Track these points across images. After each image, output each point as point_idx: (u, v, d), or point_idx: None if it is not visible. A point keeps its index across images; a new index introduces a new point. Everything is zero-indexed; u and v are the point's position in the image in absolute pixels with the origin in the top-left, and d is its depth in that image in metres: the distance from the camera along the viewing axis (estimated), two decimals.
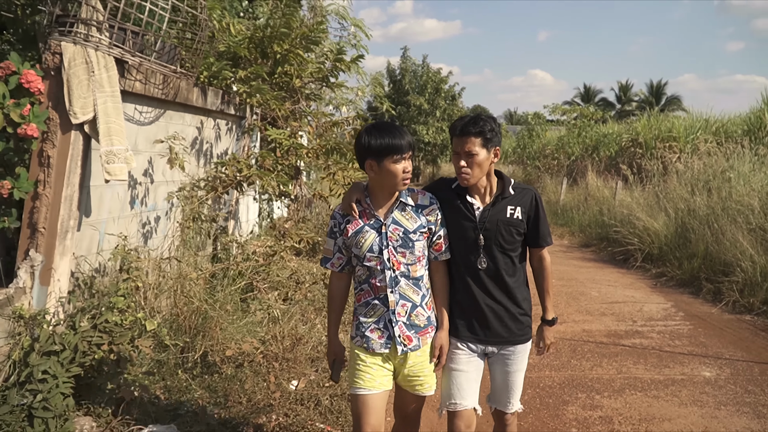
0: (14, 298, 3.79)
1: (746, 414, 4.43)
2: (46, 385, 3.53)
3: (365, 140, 2.70)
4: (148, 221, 5.16)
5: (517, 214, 2.90)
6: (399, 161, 2.68)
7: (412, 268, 2.79)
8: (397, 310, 2.77)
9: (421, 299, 2.83)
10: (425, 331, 2.84)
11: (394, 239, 2.75)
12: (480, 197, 2.93)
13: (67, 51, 3.74)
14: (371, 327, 2.81)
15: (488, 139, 2.79)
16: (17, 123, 3.61)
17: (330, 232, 2.90)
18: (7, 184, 3.71)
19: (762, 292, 7.25)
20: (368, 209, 2.80)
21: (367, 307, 2.83)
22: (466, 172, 2.80)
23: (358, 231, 2.78)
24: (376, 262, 2.75)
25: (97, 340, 3.77)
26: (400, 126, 2.77)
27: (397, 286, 2.77)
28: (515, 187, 2.96)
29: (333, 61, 6.79)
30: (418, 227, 2.79)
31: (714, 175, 10.93)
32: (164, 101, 5.01)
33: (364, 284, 2.84)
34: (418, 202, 2.85)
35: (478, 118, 2.82)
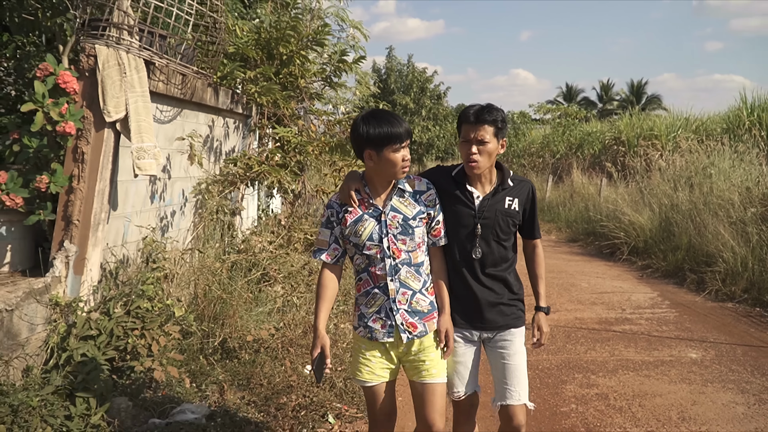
0: (51, 286, 4.03)
1: (731, 390, 4.77)
2: (85, 367, 3.77)
3: (363, 130, 2.63)
4: (165, 215, 5.40)
5: (515, 206, 2.91)
6: (399, 150, 2.64)
7: (413, 254, 2.75)
8: (398, 299, 2.73)
9: (422, 285, 2.79)
10: (431, 316, 2.81)
11: (394, 227, 2.71)
12: (480, 186, 2.92)
13: (101, 53, 3.99)
14: (373, 317, 2.77)
15: (499, 129, 2.79)
16: (56, 121, 3.85)
17: (326, 222, 2.83)
18: (45, 178, 3.95)
19: (743, 281, 7.63)
20: (366, 198, 2.75)
21: (367, 296, 2.79)
22: (475, 159, 2.78)
23: (357, 220, 2.73)
24: (376, 251, 2.71)
25: (131, 324, 4.03)
26: (395, 113, 2.69)
27: (397, 275, 2.73)
28: (513, 178, 2.97)
29: (336, 62, 7.08)
30: (417, 213, 2.76)
31: (695, 172, 11.32)
32: (182, 100, 5.26)
33: (363, 273, 2.80)
34: (416, 188, 2.81)
35: (491, 106, 2.80)
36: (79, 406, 3.58)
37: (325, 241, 2.82)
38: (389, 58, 35.71)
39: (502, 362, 2.95)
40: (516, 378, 2.93)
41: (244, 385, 4.42)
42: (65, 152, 4.11)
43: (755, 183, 9.72)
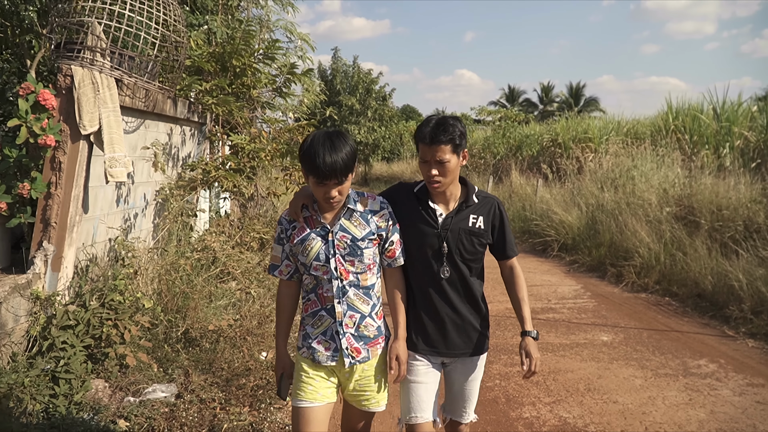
0: (31, 282, 4.47)
1: (632, 366, 5.53)
2: (66, 353, 4.24)
3: (302, 147, 2.52)
4: (129, 217, 5.86)
5: (480, 224, 2.80)
6: (321, 185, 2.48)
7: (362, 276, 2.65)
8: (345, 322, 2.64)
9: (371, 309, 2.69)
10: (375, 342, 2.72)
11: (342, 247, 2.60)
12: (443, 203, 2.82)
13: (77, 73, 4.45)
14: (318, 338, 2.67)
15: (458, 145, 2.67)
16: (37, 134, 4.31)
17: (277, 238, 2.75)
18: (27, 185, 4.40)
19: (655, 273, 8.51)
20: (315, 215, 2.63)
21: (314, 317, 2.69)
22: (437, 180, 2.69)
23: (304, 238, 2.63)
24: (323, 271, 2.61)
25: (105, 315, 4.51)
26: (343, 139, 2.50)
27: (345, 297, 2.63)
28: (479, 194, 2.86)
29: (287, 74, 7.62)
30: (367, 234, 2.64)
31: (620, 174, 12.26)
32: (144, 112, 5.73)
33: (311, 293, 2.70)
34: (368, 207, 2.69)
35: (445, 123, 2.67)
36: (62, 387, 4.06)
37: (278, 257, 2.75)
38: (335, 59, 36.17)
39: (462, 386, 2.97)
40: (471, 401, 3.01)
41: (207, 369, 4.94)
42: (44, 161, 4.55)
43: (671, 185, 10.68)
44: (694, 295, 7.75)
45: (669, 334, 6.48)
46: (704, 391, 4.94)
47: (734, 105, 14.97)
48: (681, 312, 7.40)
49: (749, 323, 6.58)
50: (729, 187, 9.34)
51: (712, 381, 5.17)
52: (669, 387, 5.04)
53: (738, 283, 7.07)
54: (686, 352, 5.89)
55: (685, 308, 7.52)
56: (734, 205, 8.75)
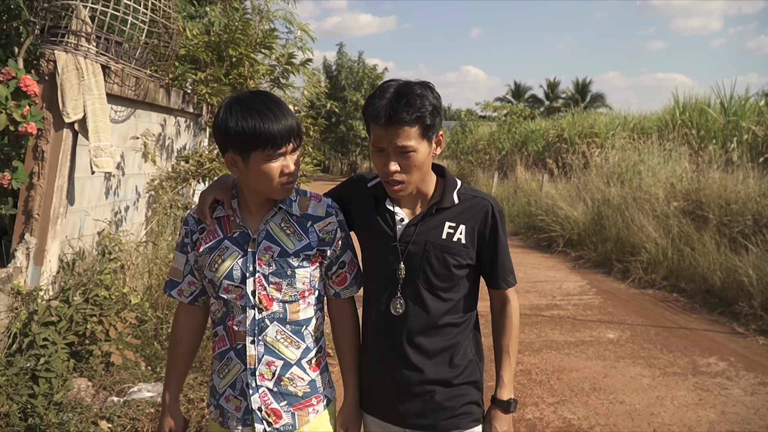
0: (13, 276, 4.30)
1: (640, 364, 5.33)
2: (47, 350, 4.06)
3: (222, 119, 1.76)
4: (119, 210, 5.68)
5: (459, 236, 1.92)
6: (274, 158, 1.76)
7: (292, 307, 1.89)
8: (260, 370, 1.88)
9: (301, 355, 1.92)
10: (305, 403, 1.93)
11: (266, 263, 1.86)
12: (408, 204, 1.97)
13: (60, 59, 4.27)
14: (226, 393, 1.93)
15: (429, 126, 1.80)
16: (18, 122, 4.12)
17: (180, 244, 2.00)
18: (7, 175, 4.22)
19: (662, 269, 8.29)
20: (233, 216, 1.90)
21: (221, 360, 1.95)
22: (398, 179, 1.84)
23: (213, 246, 1.90)
24: (236, 295, 1.87)
25: (89, 311, 4.33)
26: (279, 99, 1.81)
27: (263, 334, 1.87)
28: (462, 193, 1.97)
29: (284, 64, 7.43)
30: (303, 248, 1.89)
31: (627, 168, 12.05)
32: (135, 101, 5.54)
33: (219, 326, 1.95)
34: (308, 211, 1.93)
35: (410, 93, 1.77)
36: (42, 386, 3.88)
37: (178, 270, 2.01)
38: (340, 55, 36.19)
39: None
40: None
41: (197, 367, 4.75)
42: (26, 151, 4.37)
43: (679, 179, 10.46)
44: (702, 291, 7.53)
45: (677, 332, 6.27)
46: (714, 391, 4.74)
47: (742, 99, 14.78)
48: (689, 308, 7.18)
49: (760, 320, 6.37)
50: (737, 182, 9.13)
51: (723, 380, 4.96)
52: (678, 386, 4.83)
53: (748, 278, 6.86)
54: (695, 350, 5.68)
55: (693, 304, 7.31)
56: (743, 200, 8.54)
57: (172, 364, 2.06)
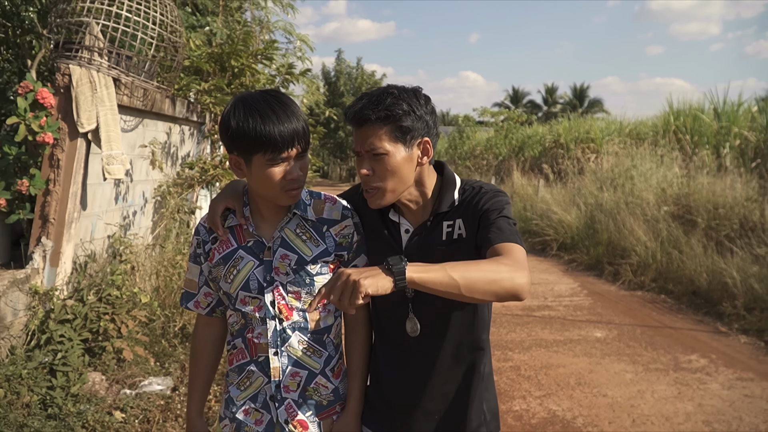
0: (30, 277, 4.56)
1: (624, 361, 5.59)
2: (63, 346, 4.33)
3: (225, 119, 1.70)
4: (128, 214, 5.95)
5: (459, 231, 1.78)
6: (276, 162, 1.68)
7: (312, 315, 1.85)
8: (285, 383, 1.83)
9: (324, 363, 1.88)
10: (330, 411, 1.91)
11: (284, 272, 1.80)
12: (411, 213, 1.86)
13: (75, 72, 4.54)
14: (245, 405, 1.88)
15: (404, 129, 1.69)
16: (36, 132, 4.40)
17: (193, 255, 1.95)
18: (25, 182, 4.49)
19: (651, 271, 8.57)
20: (246, 224, 1.83)
21: (240, 374, 1.88)
22: (372, 185, 1.74)
23: (227, 256, 1.83)
24: (254, 306, 1.82)
25: (102, 310, 4.60)
26: (287, 100, 1.71)
27: (286, 345, 1.82)
28: (464, 189, 1.84)
29: (284, 74, 7.72)
30: (321, 254, 1.83)
31: (620, 174, 12.33)
32: (143, 111, 5.82)
33: (237, 338, 1.89)
34: (324, 215, 1.86)
35: (383, 94, 1.70)
36: (59, 379, 4.14)
37: (193, 281, 1.96)
38: (338, 61, 36.52)
39: None
40: None
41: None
42: (42, 159, 4.64)
43: (669, 184, 10.73)
44: (689, 292, 7.80)
45: (662, 331, 6.54)
46: (693, 385, 5.00)
47: (734, 105, 15.05)
48: (676, 309, 7.45)
49: (742, 319, 6.63)
50: (725, 187, 9.39)
51: (702, 375, 5.23)
52: (659, 381, 5.10)
53: (732, 280, 7.12)
54: (678, 348, 5.95)
55: (680, 305, 7.58)
56: (730, 204, 8.81)
57: (195, 378, 2.00)
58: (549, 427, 4.27)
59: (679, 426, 4.27)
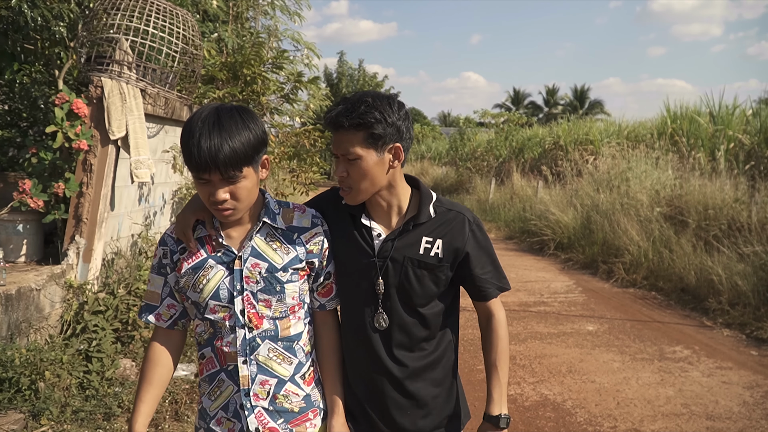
0: (65, 272, 4.98)
1: (613, 351, 6.00)
2: (97, 335, 4.75)
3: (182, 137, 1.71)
4: (149, 215, 6.37)
5: (437, 251, 1.93)
6: (200, 182, 1.71)
7: (283, 323, 1.87)
8: (254, 390, 1.85)
9: (294, 370, 1.90)
10: (303, 418, 1.92)
11: (254, 280, 1.83)
12: (383, 219, 1.98)
13: (107, 85, 4.96)
14: (218, 416, 1.90)
15: (376, 136, 1.81)
16: (72, 139, 4.82)
17: (156, 266, 1.93)
18: (61, 185, 4.91)
19: (643, 269, 8.97)
20: (216, 235, 1.85)
21: (211, 383, 1.91)
22: (346, 185, 1.89)
23: (197, 266, 1.84)
24: (224, 315, 1.83)
25: (132, 302, 5.01)
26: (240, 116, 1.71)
27: (255, 354, 1.85)
28: (438, 206, 1.98)
29: (294, 81, 8.15)
30: (291, 262, 1.87)
31: (615, 176, 12.73)
32: (164, 118, 6.23)
33: (206, 347, 1.91)
34: (293, 223, 1.91)
35: (358, 101, 1.81)
36: (95, 364, 4.55)
37: (155, 293, 1.93)
38: (340, 63, 36.90)
39: None
40: None
41: None
42: (76, 164, 5.05)
43: (663, 186, 11.13)
44: (678, 289, 8.20)
45: (650, 325, 6.94)
46: (675, 373, 5.41)
47: (729, 109, 15.41)
48: (665, 305, 7.86)
49: (726, 314, 7.03)
50: (716, 188, 9.79)
51: (685, 364, 5.64)
52: (644, 369, 5.50)
53: (717, 277, 7.52)
54: (664, 340, 6.36)
55: (669, 301, 7.98)
56: (719, 205, 9.20)
57: (145, 389, 1.90)
58: (541, 409, 4.68)
59: (659, 408, 4.68)
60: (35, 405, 3.93)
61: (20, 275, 4.70)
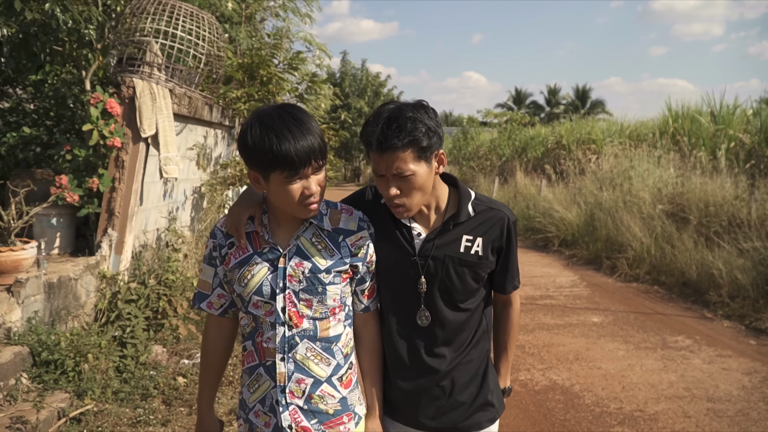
0: (99, 263, 5.25)
1: (617, 341, 6.27)
2: (130, 322, 5.02)
3: (242, 136, 1.75)
4: (172, 210, 6.64)
5: (477, 249, 1.99)
6: (292, 180, 1.73)
7: (322, 324, 1.89)
8: (290, 388, 1.87)
9: (332, 372, 1.91)
10: (337, 421, 1.93)
11: (297, 279, 1.85)
12: (423, 219, 2.03)
13: (138, 85, 5.23)
14: (255, 408, 1.93)
15: (424, 148, 1.83)
16: (106, 137, 5.09)
17: (208, 257, 1.99)
18: (96, 180, 5.18)
19: (645, 265, 9.24)
20: (263, 231, 1.89)
21: (250, 375, 1.94)
22: (400, 203, 1.90)
23: (243, 261, 1.88)
24: (266, 311, 1.86)
25: (163, 291, 5.28)
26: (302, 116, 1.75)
27: (293, 352, 1.86)
28: (477, 204, 2.03)
29: (309, 82, 8.42)
30: (335, 264, 1.88)
31: (618, 174, 12.98)
32: (186, 117, 6.50)
33: (248, 341, 1.94)
34: (340, 225, 1.92)
35: (401, 117, 1.82)
36: (129, 350, 4.83)
37: (207, 282, 2.00)
38: (344, 63, 37.13)
39: None
40: None
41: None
42: (109, 160, 5.32)
43: (665, 184, 11.39)
44: (679, 283, 8.47)
45: (653, 316, 7.21)
46: (677, 360, 5.67)
47: (730, 108, 15.65)
48: (667, 298, 8.12)
49: (726, 307, 7.30)
50: (717, 186, 10.05)
51: (686, 353, 5.90)
52: (647, 357, 5.77)
53: (718, 271, 7.79)
54: (666, 330, 6.62)
55: (671, 295, 8.25)
56: (719, 203, 9.46)
57: (205, 374, 2.06)
58: (550, 393, 4.95)
59: (662, 391, 4.94)
60: (79, 385, 4.20)
61: (58, 266, 4.97)
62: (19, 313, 4.26)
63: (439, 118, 1.90)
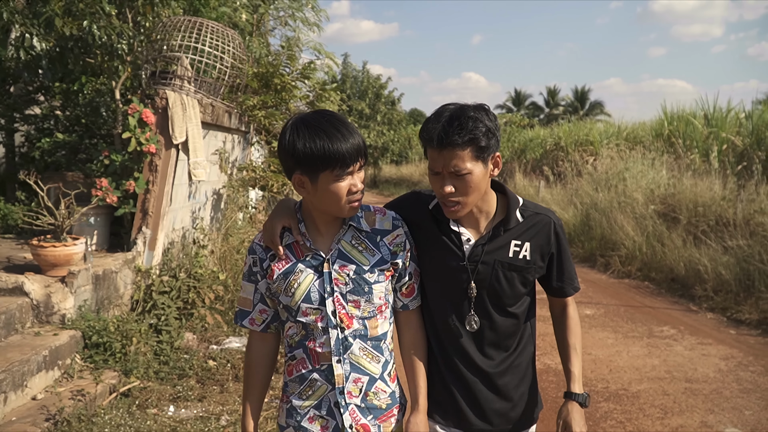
0: (135, 258, 5.78)
1: (607, 330, 6.80)
2: (164, 312, 5.55)
3: (289, 142, 1.80)
4: (195, 210, 7.17)
5: (525, 254, 2.02)
6: (342, 177, 1.80)
7: (371, 323, 1.94)
8: (348, 388, 1.93)
9: (382, 368, 1.98)
10: (389, 414, 2.00)
11: (343, 282, 1.90)
12: (471, 225, 2.05)
13: (170, 96, 5.76)
14: (309, 414, 1.97)
15: (483, 148, 1.85)
16: (142, 144, 5.62)
17: (247, 273, 2.03)
18: (132, 183, 5.71)
19: (637, 262, 9.78)
20: (303, 240, 1.93)
21: (302, 383, 1.98)
22: (455, 201, 1.91)
23: (287, 271, 1.92)
24: (316, 317, 1.90)
25: (192, 284, 5.81)
26: (344, 118, 1.85)
27: (348, 352, 1.92)
28: (525, 210, 2.05)
29: (319, 90, 8.96)
30: (377, 262, 1.94)
31: (613, 176, 13.50)
32: (209, 124, 7.04)
33: (297, 349, 1.98)
34: (376, 226, 1.98)
35: (463, 116, 1.84)
36: (164, 336, 5.36)
37: (248, 299, 2.03)
38: (345, 65, 37.57)
39: None
40: None
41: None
42: (143, 165, 5.85)
43: (657, 186, 11.91)
44: (668, 279, 9.00)
45: (642, 309, 7.74)
46: (661, 347, 6.20)
47: (723, 111, 16.12)
48: (656, 293, 8.66)
49: (711, 300, 7.83)
50: (705, 187, 10.58)
51: (670, 341, 6.43)
52: (634, 344, 6.30)
53: (703, 267, 8.31)
54: (653, 322, 7.16)
55: (660, 290, 8.78)
56: (708, 203, 9.99)
57: (250, 392, 2.06)
58: (544, 375, 5.48)
59: (646, 374, 5.48)
60: (125, 365, 4.73)
61: (99, 260, 5.50)
62: (72, 301, 4.79)
63: (498, 121, 1.91)
